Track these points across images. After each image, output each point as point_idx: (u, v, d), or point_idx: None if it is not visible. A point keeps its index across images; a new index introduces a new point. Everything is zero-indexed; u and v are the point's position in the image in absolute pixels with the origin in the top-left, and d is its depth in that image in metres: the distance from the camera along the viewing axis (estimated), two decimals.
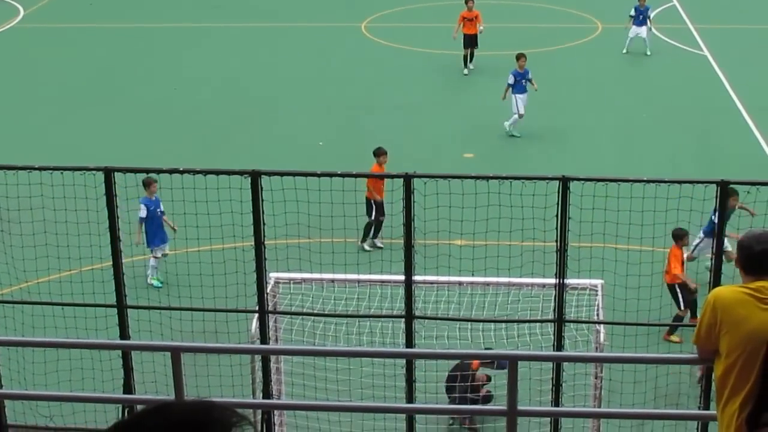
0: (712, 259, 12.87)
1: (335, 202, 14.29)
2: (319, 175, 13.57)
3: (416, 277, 13.77)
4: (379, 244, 20.97)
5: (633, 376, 14.83)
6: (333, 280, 15.59)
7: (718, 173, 14.52)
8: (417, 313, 13.93)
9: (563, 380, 14.15)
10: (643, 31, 34.78)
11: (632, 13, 34.84)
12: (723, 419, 7.81)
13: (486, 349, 14.84)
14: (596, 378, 14.78)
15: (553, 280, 13.31)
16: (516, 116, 28.05)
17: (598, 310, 14.62)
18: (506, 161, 25.24)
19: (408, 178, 13.12)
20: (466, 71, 33.69)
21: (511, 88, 28.16)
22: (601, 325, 14.67)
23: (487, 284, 15.07)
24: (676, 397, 15.44)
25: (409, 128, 28.25)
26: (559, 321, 13.42)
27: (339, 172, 13.75)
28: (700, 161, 26.15)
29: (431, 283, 15.13)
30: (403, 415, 14.45)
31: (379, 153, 21.62)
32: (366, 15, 40.52)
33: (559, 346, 13.44)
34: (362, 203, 20.16)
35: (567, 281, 13.48)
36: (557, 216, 12.83)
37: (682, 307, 17.78)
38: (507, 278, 14.64)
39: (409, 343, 13.69)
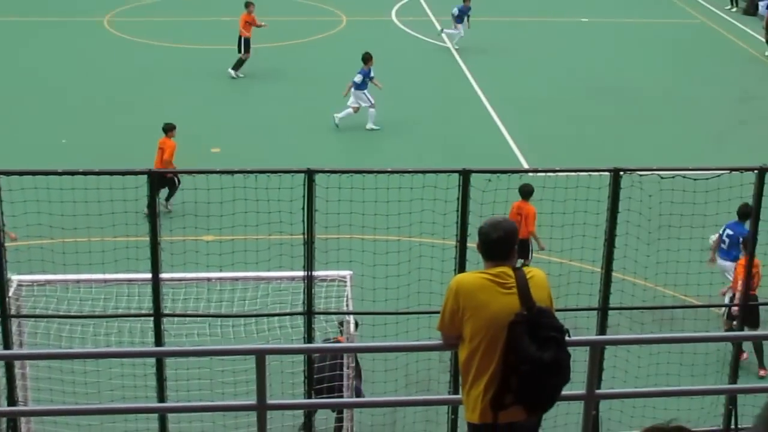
0: (457, 248, 13.12)
1: (78, 201, 13.93)
2: (60, 174, 13.16)
3: (163, 275, 13.56)
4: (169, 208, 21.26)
5: (384, 364, 15.01)
6: (79, 281, 15.19)
7: (462, 162, 14.80)
8: (165, 311, 13.72)
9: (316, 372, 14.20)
10: (461, 29, 35.41)
11: (455, 12, 35.30)
12: (468, 402, 7.97)
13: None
14: (347, 368, 14.88)
15: (301, 273, 13.31)
16: (372, 110, 28.60)
17: (347, 300, 14.72)
18: (252, 155, 25.11)
19: (152, 174, 12.89)
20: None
21: (354, 86, 28.49)
22: (351, 316, 14.79)
23: (236, 279, 14.98)
24: (427, 383, 15.70)
25: (157, 125, 27.77)
26: (309, 313, 13.41)
27: (81, 170, 13.38)
28: (445, 151, 26.70)
29: (179, 280, 14.92)
30: (155, 415, 14.22)
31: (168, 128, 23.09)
32: (108, 9, 39.66)
33: (309, 338, 13.45)
34: (108, 201, 19.73)
35: (315, 273, 13.49)
36: (303, 208, 12.83)
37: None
38: (255, 273, 14.58)
39: (158, 341, 13.48)
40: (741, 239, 17.51)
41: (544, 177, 14.91)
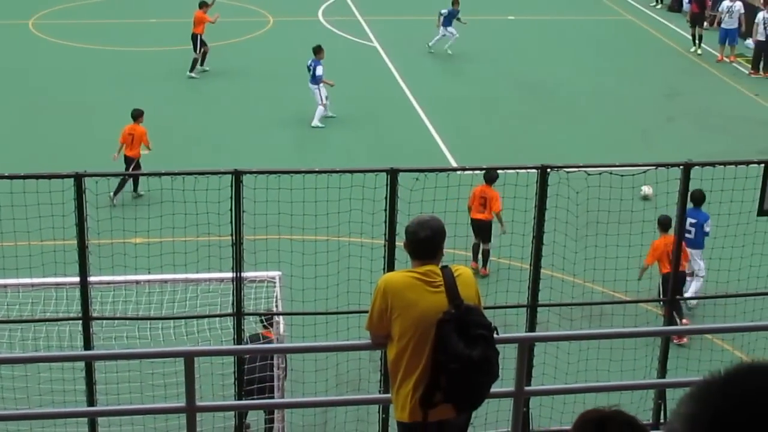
0: (386, 247, 13.15)
1: (4, 205, 13.79)
2: None
3: (92, 278, 13.45)
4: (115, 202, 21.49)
5: (314, 364, 14.99)
6: (6, 286, 15.03)
7: (391, 161, 14.84)
8: (94, 314, 13.62)
9: (246, 374, 14.16)
10: (450, 31, 35.34)
11: (444, 12, 35.22)
12: (398, 401, 8.00)
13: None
14: (278, 369, 14.85)
15: (230, 274, 13.26)
16: (322, 108, 29.03)
17: (276, 301, 14.69)
18: (182, 157, 24.95)
19: (79, 177, 12.77)
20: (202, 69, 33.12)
21: (311, 80, 29.07)
22: (281, 316, 14.77)
23: (165, 281, 14.92)
24: (358, 383, 15.71)
25: (82, 128, 27.57)
26: (238, 314, 13.38)
27: (6, 174, 13.25)
28: (374, 150, 26.74)
29: (108, 283, 14.82)
30: (85, 419, 14.10)
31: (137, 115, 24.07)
32: (32, 12, 39.22)
33: (239, 339, 13.41)
34: (20, 206, 19.54)
35: (244, 274, 13.46)
36: (231, 209, 12.78)
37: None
38: (184, 274, 14.52)
39: (87, 345, 13.37)
40: (705, 224, 18.27)
41: (471, 175, 14.96)
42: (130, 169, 22.63)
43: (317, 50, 29.25)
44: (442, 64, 34.58)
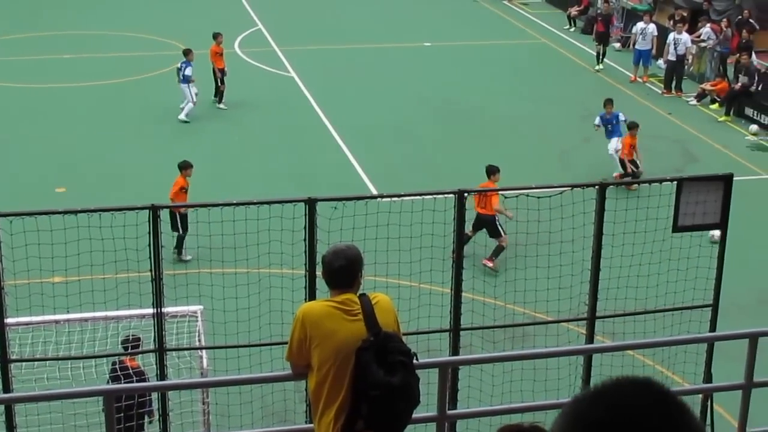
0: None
1: None
2: None
3: (9, 320, 13.30)
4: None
5: (239, 397, 14.91)
6: None
7: (311, 191, 14.86)
8: (13, 356, 13.45)
9: (170, 409, 14.05)
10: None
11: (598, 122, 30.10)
12: (320, 430, 7.98)
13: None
14: (203, 404, 14.76)
15: (151, 310, 13.17)
16: (191, 105, 30.96)
17: (199, 335, 14.61)
18: (98, 194, 24.71)
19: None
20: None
21: (183, 79, 30.98)
22: (204, 351, 14.68)
23: (85, 320, 14.77)
24: (284, 414, 15.65)
25: None
26: (161, 350, 13.29)
27: None
28: (294, 180, 26.69)
29: (26, 324, 14.64)
30: None
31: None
32: None
33: (162, 375, 13.31)
34: None
35: (165, 310, 13.38)
36: (150, 245, 12.71)
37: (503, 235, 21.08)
38: (104, 312, 14.39)
39: (6, 388, 13.19)
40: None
41: (389, 202, 15.01)
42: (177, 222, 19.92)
43: (187, 52, 31.29)
44: (359, 93, 34.67)
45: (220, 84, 32.62)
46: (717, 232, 21.00)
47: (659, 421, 2.66)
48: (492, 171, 22.25)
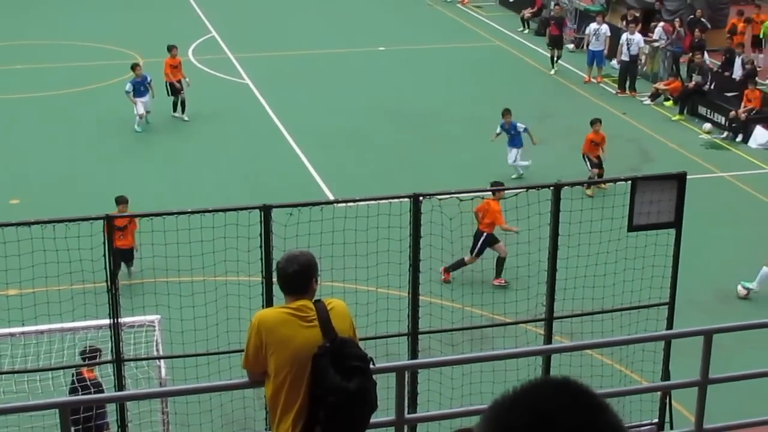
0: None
1: None
2: None
3: None
4: None
5: (199, 406, 14.85)
6: None
7: (268, 198, 14.80)
8: None
9: (129, 420, 13.97)
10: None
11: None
12: None
13: None
14: (163, 413, 14.69)
15: (107, 321, 13.08)
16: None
17: (157, 345, 14.53)
18: (51, 205, 24.54)
19: None
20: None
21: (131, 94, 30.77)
22: (162, 360, 14.60)
23: (41, 332, 14.66)
24: (244, 422, 15.59)
25: None
26: (118, 361, 13.20)
27: None
28: (250, 188, 26.63)
29: None
30: None
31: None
32: None
33: (120, 386, 13.23)
34: None
35: (122, 320, 13.30)
36: (104, 255, 12.63)
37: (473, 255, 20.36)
38: (60, 324, 14.29)
39: None
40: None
41: (345, 208, 15.00)
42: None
43: (134, 67, 31.49)
44: (314, 99, 34.62)
45: (171, 94, 32.47)
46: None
47: (581, 420, 2.68)
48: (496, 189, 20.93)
